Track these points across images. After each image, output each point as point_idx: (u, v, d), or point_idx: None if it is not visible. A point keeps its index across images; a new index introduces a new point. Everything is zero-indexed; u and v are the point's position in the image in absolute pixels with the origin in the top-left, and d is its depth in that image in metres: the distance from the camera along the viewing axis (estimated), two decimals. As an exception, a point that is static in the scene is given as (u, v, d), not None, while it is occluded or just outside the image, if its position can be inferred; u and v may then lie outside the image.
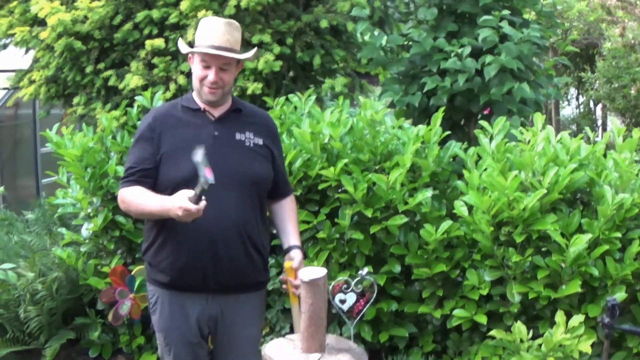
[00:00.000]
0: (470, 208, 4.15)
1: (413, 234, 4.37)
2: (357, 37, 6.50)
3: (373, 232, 4.33)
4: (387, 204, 4.35)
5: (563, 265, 3.99)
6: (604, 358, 3.62)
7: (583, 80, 14.32)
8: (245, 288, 3.31)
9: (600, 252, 4.00)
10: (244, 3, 5.64)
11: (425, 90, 5.43)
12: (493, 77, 5.25)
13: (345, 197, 4.35)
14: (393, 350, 4.55)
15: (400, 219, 4.27)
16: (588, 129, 4.87)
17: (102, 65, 6.14)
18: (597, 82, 13.46)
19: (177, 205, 2.93)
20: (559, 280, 4.06)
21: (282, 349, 2.80)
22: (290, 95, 5.13)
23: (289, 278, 3.23)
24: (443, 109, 4.76)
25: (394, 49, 5.95)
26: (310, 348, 2.76)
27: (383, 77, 6.66)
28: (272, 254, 4.62)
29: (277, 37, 5.94)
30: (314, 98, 5.11)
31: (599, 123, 16.05)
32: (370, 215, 4.29)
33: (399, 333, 4.48)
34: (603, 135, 4.42)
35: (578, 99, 17.14)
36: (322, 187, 4.44)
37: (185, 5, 5.73)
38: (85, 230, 5.06)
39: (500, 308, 4.25)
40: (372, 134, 4.55)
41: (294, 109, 5.05)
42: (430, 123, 4.59)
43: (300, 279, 2.72)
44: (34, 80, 6.46)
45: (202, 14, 5.53)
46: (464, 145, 4.61)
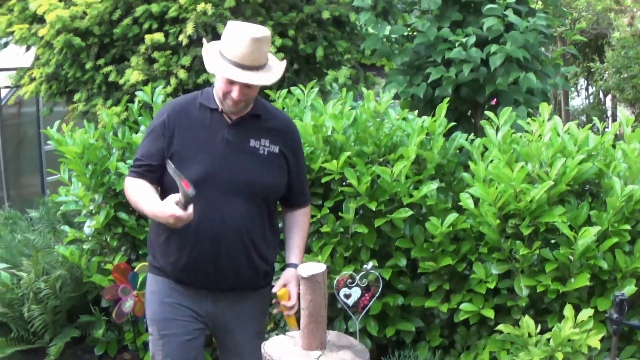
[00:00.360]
0: (477, 200, 4.09)
1: (419, 227, 4.31)
2: (360, 28, 6.45)
3: (378, 225, 4.27)
4: (391, 197, 4.29)
5: (571, 258, 3.93)
6: (613, 354, 3.56)
7: (592, 71, 14.27)
8: (246, 290, 3.30)
9: (610, 244, 3.94)
10: (245, -5, 5.61)
11: (430, 81, 5.37)
12: (499, 66, 5.19)
13: (349, 190, 4.29)
14: (400, 345, 4.49)
15: (405, 212, 4.21)
16: (596, 120, 4.81)
17: (102, 61, 6.10)
18: (606, 72, 13.41)
19: (167, 214, 2.94)
20: (568, 274, 4.00)
21: (282, 347, 2.75)
22: (293, 88, 5.07)
23: (282, 301, 3.19)
24: (448, 100, 4.69)
25: (398, 40, 5.90)
26: (311, 345, 2.71)
27: (388, 68, 6.61)
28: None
29: (278, 29, 5.89)
30: (317, 90, 5.06)
31: (609, 114, 15.98)
32: (375, 209, 4.23)
33: (406, 327, 4.42)
34: (612, 126, 4.36)
35: (587, 90, 17.09)
36: (325, 180, 4.38)
37: (185, -1, 5.69)
38: (88, 228, 5.05)
39: (508, 302, 4.18)
40: (375, 126, 4.49)
41: (297, 102, 4.99)
42: (435, 114, 4.54)
43: (299, 275, 2.67)
44: (35, 78, 6.44)
45: (201, 7, 5.49)
46: (470, 137, 4.55)
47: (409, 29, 5.81)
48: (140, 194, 3.16)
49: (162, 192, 3.21)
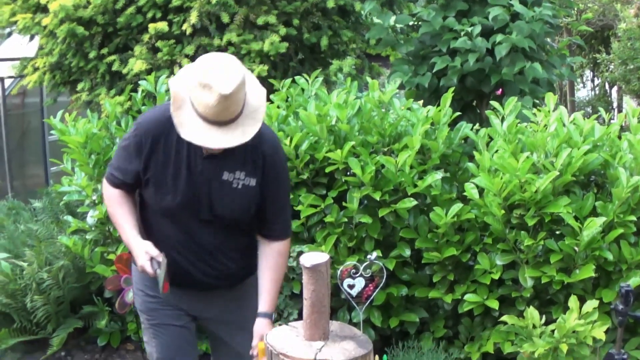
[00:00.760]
0: (481, 190, 4.07)
1: (423, 217, 4.29)
2: (365, 17, 6.41)
3: (382, 215, 4.25)
4: (396, 187, 4.27)
5: (576, 249, 3.92)
6: (618, 346, 3.53)
7: (598, 62, 14.21)
8: (226, 288, 3.24)
9: (615, 235, 3.92)
10: (249, -17, 5.57)
11: (435, 71, 5.34)
12: (504, 56, 5.16)
13: (353, 180, 4.27)
14: (404, 336, 4.48)
15: (410, 202, 4.18)
16: (602, 110, 4.78)
17: (105, 51, 6.07)
18: (612, 64, 13.35)
19: (139, 263, 2.95)
20: (573, 265, 3.99)
21: (284, 337, 2.72)
22: (297, 77, 5.05)
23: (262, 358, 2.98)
24: (453, 90, 4.67)
25: (403, 29, 5.87)
26: (314, 336, 2.67)
27: (393, 58, 6.58)
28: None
29: (283, 18, 5.86)
30: (321, 80, 5.03)
31: (615, 105, 15.93)
32: (379, 199, 4.21)
33: (410, 318, 4.41)
34: (618, 117, 4.33)
35: (593, 81, 17.02)
36: (329, 170, 4.36)
37: (189, -13, 5.66)
38: (91, 218, 5.02)
39: (513, 293, 4.17)
40: (380, 116, 4.46)
41: (301, 91, 4.97)
42: (440, 104, 4.51)
43: (302, 265, 2.63)
44: (38, 68, 6.42)
45: (205, -5, 5.46)
46: (475, 127, 4.53)
47: (414, 19, 5.78)
48: (120, 214, 3.08)
49: (140, 201, 3.13)
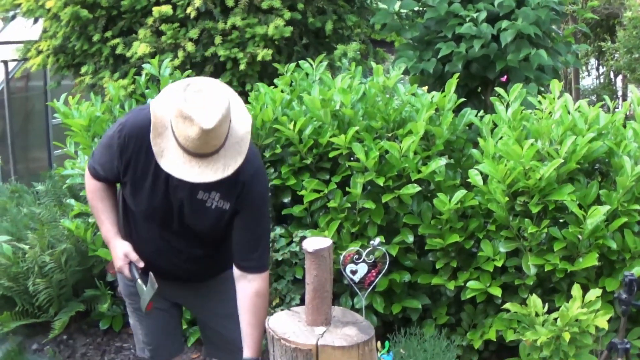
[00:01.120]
0: (485, 177, 4.05)
1: (426, 204, 4.27)
2: (370, 2, 6.39)
3: (385, 201, 4.23)
4: (399, 173, 4.25)
5: (580, 238, 3.90)
6: (621, 335, 3.52)
7: (603, 51, 14.16)
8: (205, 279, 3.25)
9: (619, 224, 3.90)
10: (253, -32, 5.55)
11: (440, 57, 5.33)
12: (509, 43, 5.15)
13: (357, 165, 4.25)
14: (406, 322, 4.47)
15: (413, 188, 4.16)
16: (607, 98, 4.76)
17: (109, 34, 6.06)
18: (617, 52, 13.31)
19: (116, 264, 3.01)
20: (576, 253, 3.97)
21: (286, 322, 2.71)
22: (301, 62, 5.02)
23: None
24: (458, 76, 4.64)
25: (408, 15, 5.85)
26: (316, 321, 2.67)
27: (398, 43, 6.56)
28: (282, 224, 4.57)
29: (287, 2, 5.84)
30: (325, 64, 5.00)
31: (620, 94, 15.89)
32: (383, 184, 4.19)
33: (412, 305, 4.40)
34: (622, 105, 4.32)
35: (598, 70, 16.97)
36: (332, 155, 4.34)
37: (193, -30, 5.63)
38: (93, 201, 5.00)
39: (516, 280, 4.15)
40: (384, 101, 4.44)
41: (305, 76, 4.94)
42: (445, 90, 4.49)
43: (305, 250, 2.62)
44: (42, 51, 6.40)
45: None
46: (480, 113, 4.51)
47: (420, 4, 5.76)
48: (101, 209, 3.08)
49: (123, 200, 3.10)
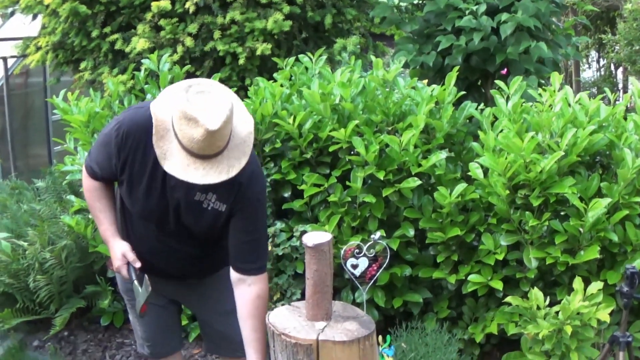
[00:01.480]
0: (486, 170, 4.04)
1: (427, 197, 4.26)
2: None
3: (386, 195, 4.22)
4: (400, 166, 4.24)
5: (581, 230, 3.89)
6: (623, 328, 3.51)
7: (603, 43, 14.14)
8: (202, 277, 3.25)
9: (620, 217, 3.89)
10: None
11: (440, 50, 5.31)
12: (509, 35, 5.13)
13: (357, 159, 4.24)
14: (407, 316, 4.46)
15: (414, 182, 4.15)
16: (608, 90, 4.75)
17: (108, 29, 6.04)
18: (617, 44, 13.29)
19: (114, 264, 3.02)
20: (577, 246, 3.96)
21: (286, 317, 2.70)
22: (301, 56, 5.01)
23: None
24: (458, 69, 4.63)
25: (408, 8, 5.83)
26: (316, 316, 2.66)
27: (398, 37, 6.54)
28: (283, 219, 4.56)
29: (287, -4, 5.83)
30: (325, 58, 4.99)
31: (620, 86, 15.88)
32: (383, 178, 4.18)
33: (413, 299, 4.39)
34: (623, 98, 4.32)
35: (599, 62, 16.95)
36: (332, 149, 4.33)
37: (192, -35, 5.62)
38: (93, 197, 4.99)
39: (517, 273, 4.15)
40: (384, 95, 4.43)
41: (305, 70, 4.93)
42: (445, 83, 4.48)
43: (305, 244, 2.61)
44: (41, 47, 6.38)
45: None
46: (480, 106, 4.50)
47: (419, -3, 5.75)
48: (99, 209, 3.07)
49: (121, 199, 3.08)
